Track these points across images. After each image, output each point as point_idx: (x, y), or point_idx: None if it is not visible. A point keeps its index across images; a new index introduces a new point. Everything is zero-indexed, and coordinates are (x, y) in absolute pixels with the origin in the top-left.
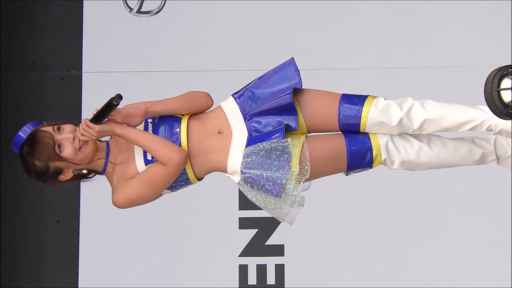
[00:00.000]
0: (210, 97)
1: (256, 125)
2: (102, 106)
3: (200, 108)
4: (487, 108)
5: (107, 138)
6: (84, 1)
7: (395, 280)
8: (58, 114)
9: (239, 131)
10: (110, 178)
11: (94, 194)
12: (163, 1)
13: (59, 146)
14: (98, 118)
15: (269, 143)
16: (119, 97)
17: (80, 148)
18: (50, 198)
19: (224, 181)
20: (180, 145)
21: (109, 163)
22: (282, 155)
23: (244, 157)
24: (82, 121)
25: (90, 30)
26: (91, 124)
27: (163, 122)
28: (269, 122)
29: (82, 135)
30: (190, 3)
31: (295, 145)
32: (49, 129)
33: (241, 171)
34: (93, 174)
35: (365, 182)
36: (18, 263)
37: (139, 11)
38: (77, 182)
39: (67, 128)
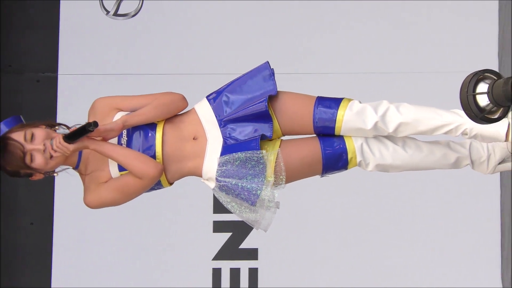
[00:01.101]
0: (185, 100)
1: (230, 132)
2: (78, 128)
3: (176, 112)
4: (462, 112)
5: None
6: (61, 4)
7: (369, 282)
8: (34, 116)
9: (214, 138)
10: (82, 176)
11: (68, 196)
12: (140, 4)
13: (30, 156)
14: (72, 137)
15: (244, 154)
16: (95, 125)
17: (51, 157)
18: (23, 200)
19: (199, 184)
20: (154, 153)
21: (82, 161)
22: (257, 165)
23: (219, 165)
24: (56, 137)
25: (66, 33)
26: (65, 143)
27: (138, 128)
28: (244, 129)
29: (55, 151)
30: (168, 5)
31: (270, 154)
32: (20, 137)
33: (217, 179)
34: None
35: (340, 184)
36: None
37: (115, 14)
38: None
39: (40, 135)
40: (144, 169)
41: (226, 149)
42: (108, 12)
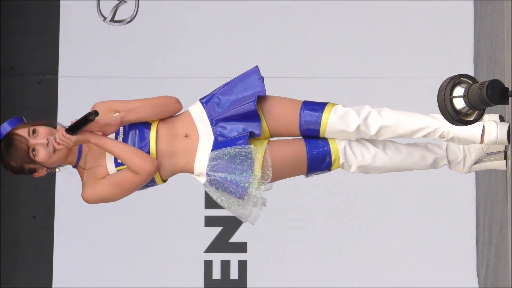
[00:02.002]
0: (180, 102)
1: (221, 130)
2: (79, 119)
3: (170, 113)
4: (440, 116)
5: None
6: (61, 8)
7: (356, 277)
8: (35, 117)
9: (206, 135)
10: (81, 172)
11: (68, 191)
12: (135, 11)
13: (34, 150)
14: (74, 129)
15: (233, 149)
16: (95, 114)
17: (54, 151)
18: (25, 193)
19: (191, 181)
20: (149, 149)
21: (81, 157)
22: (245, 160)
23: (209, 160)
24: (58, 130)
25: (66, 36)
26: (67, 135)
27: (134, 127)
28: (234, 128)
29: (59, 144)
30: (162, 12)
31: (258, 151)
32: (24, 132)
33: (207, 173)
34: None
35: (325, 182)
36: None
37: (112, 20)
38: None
39: (42, 132)
40: (141, 164)
41: (216, 145)
42: (105, 18)
